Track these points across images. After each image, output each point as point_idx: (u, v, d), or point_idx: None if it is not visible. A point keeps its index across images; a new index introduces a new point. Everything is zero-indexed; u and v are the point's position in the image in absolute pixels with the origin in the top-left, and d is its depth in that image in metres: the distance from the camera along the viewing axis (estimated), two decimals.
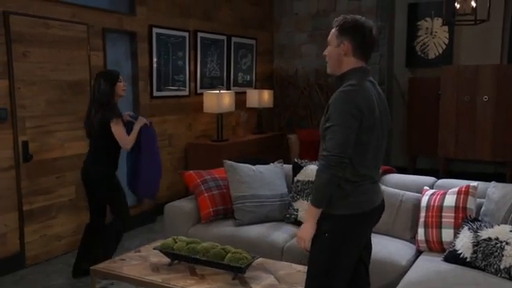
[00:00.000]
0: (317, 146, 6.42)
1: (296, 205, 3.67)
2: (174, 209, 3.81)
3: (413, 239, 3.30)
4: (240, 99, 6.36)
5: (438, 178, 3.72)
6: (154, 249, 2.93)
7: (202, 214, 3.67)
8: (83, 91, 4.44)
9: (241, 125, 6.34)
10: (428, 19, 6.87)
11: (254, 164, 3.90)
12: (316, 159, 4.65)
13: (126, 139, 3.58)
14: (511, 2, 6.49)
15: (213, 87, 6.15)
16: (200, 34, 5.99)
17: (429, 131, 6.63)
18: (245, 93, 6.67)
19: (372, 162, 2.35)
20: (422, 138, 6.85)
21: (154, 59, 5.38)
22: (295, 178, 3.78)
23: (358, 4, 6.57)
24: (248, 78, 6.90)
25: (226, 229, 3.58)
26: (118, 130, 3.54)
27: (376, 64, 6.61)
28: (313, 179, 3.62)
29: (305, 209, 3.58)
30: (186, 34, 5.79)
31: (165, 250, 2.87)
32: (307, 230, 2.30)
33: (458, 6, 5.50)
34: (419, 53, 7.10)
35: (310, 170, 3.72)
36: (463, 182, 3.38)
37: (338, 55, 2.33)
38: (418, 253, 3.21)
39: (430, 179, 3.63)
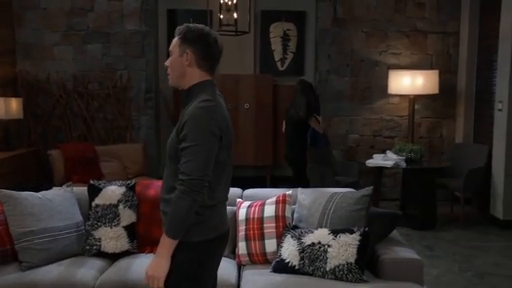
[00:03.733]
0: (85, 163, 5.70)
1: (97, 234, 3.15)
2: None
3: (231, 254, 3.18)
4: None
5: None
6: None
7: None
8: None
9: None
10: None
11: (37, 190, 3.19)
12: (88, 177, 4.13)
13: None
14: (262, 17, 7.03)
15: None
16: None
17: None
18: None
19: (226, 183, 2.23)
20: None
21: None
22: (93, 203, 3.24)
23: (120, 5, 6.10)
24: None
25: (10, 277, 2.83)
26: None
27: (143, 71, 6.24)
28: (115, 202, 3.20)
29: (109, 237, 3.13)
30: None
31: None
32: (162, 266, 2.02)
33: (222, 16, 5.67)
34: None
35: (111, 192, 3.24)
36: (273, 191, 3.47)
37: (181, 65, 2.11)
38: (239, 267, 3.10)
39: (237, 190, 3.56)
